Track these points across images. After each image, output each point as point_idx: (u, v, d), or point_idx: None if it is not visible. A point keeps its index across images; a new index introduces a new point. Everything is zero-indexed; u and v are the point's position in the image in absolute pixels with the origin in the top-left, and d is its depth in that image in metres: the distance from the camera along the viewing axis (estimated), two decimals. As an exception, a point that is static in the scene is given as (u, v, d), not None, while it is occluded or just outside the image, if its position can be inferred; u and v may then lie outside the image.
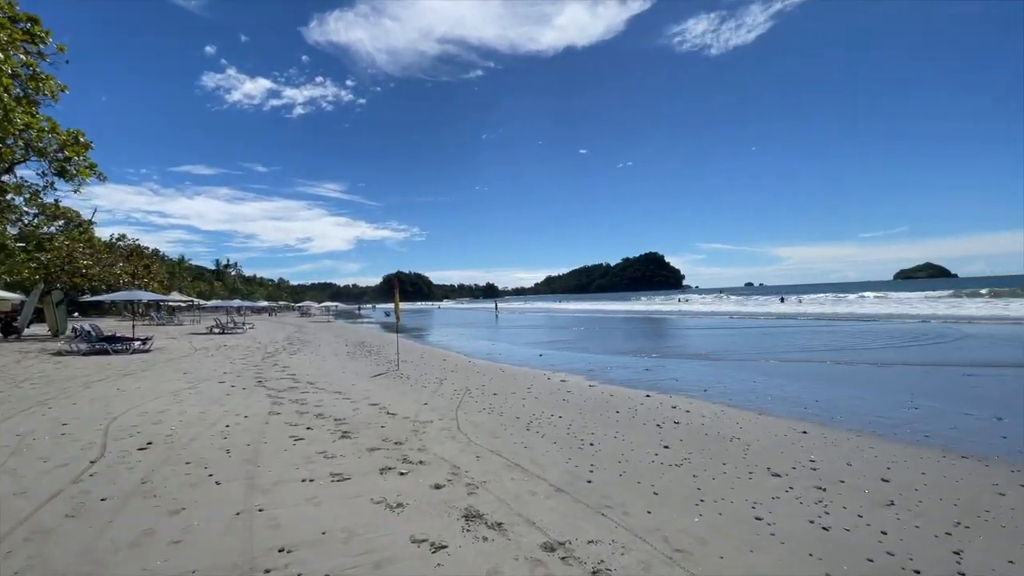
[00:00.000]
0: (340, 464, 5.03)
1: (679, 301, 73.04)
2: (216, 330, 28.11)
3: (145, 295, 22.89)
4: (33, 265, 23.84)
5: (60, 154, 19.76)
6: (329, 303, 75.41)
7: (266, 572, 3.00)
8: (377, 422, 6.86)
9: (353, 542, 3.38)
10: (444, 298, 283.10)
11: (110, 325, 30.01)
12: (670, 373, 11.62)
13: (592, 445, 5.83)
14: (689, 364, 13.29)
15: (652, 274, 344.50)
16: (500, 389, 9.53)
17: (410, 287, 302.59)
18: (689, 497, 4.25)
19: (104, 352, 15.60)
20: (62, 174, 20.35)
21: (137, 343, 16.61)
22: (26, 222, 24.42)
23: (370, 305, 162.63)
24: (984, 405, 7.60)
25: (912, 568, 3.10)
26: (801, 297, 62.20)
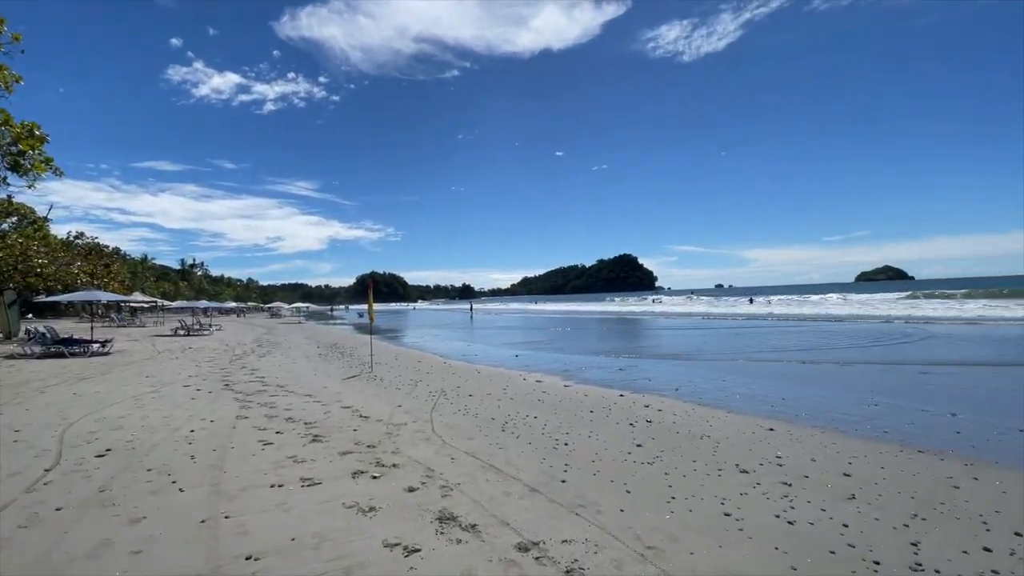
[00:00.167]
0: (311, 468, 4.93)
1: (652, 302, 74.27)
2: (181, 332, 27.22)
3: (104, 295, 22.01)
4: (-17, 264, 22.58)
5: (14, 148, 18.78)
6: (300, 304, 73.72)
7: (232, 581, 2.92)
8: (349, 425, 6.75)
9: (324, 548, 3.32)
10: (419, 299, 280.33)
11: (67, 327, 28.68)
12: (643, 373, 11.80)
13: (567, 445, 5.87)
14: (661, 364, 13.52)
15: (626, 275, 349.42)
16: (476, 390, 9.50)
17: (384, 288, 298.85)
18: (661, 495, 4.32)
19: (60, 355, 14.94)
20: (16, 169, 19.34)
21: (96, 345, 15.96)
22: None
23: (343, 306, 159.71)
24: (939, 402, 7.97)
25: (872, 559, 3.22)
26: (769, 298, 64.00)
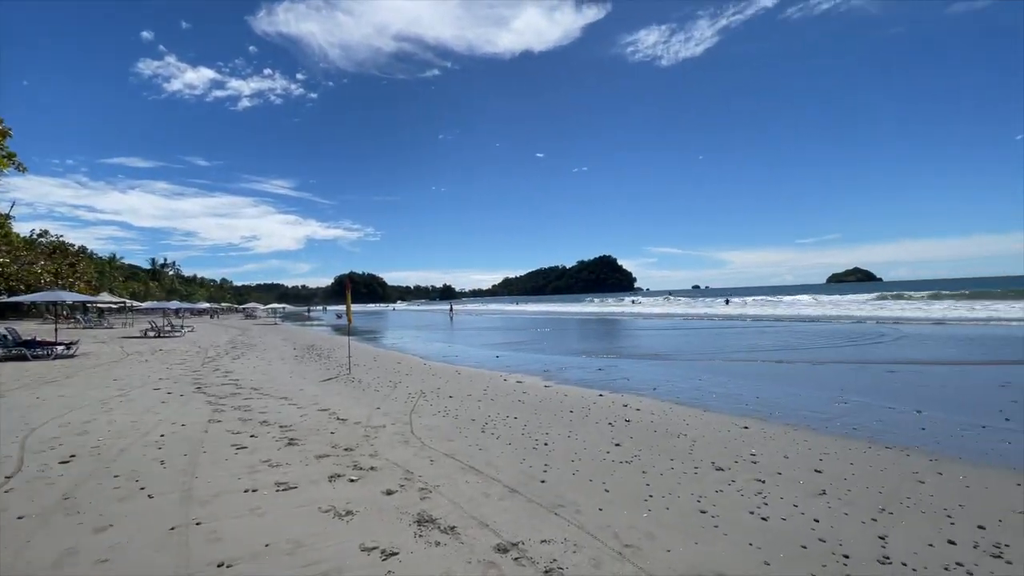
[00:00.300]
0: (286, 472, 4.83)
1: (632, 303, 75.15)
2: (151, 333, 26.40)
3: (69, 296, 21.27)
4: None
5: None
6: (276, 305, 72.29)
7: (203, 589, 2.84)
8: (326, 428, 6.64)
9: (299, 553, 3.26)
10: (399, 300, 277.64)
11: (29, 329, 27.52)
12: (622, 373, 11.92)
13: (546, 445, 5.89)
14: (640, 364, 13.69)
15: (606, 276, 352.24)
16: (456, 392, 9.46)
17: (363, 288, 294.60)
18: (638, 493, 4.37)
19: (22, 358, 14.34)
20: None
21: (60, 348, 15.36)
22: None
23: (320, 307, 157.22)
24: (905, 399, 8.25)
25: (842, 553, 3.31)
26: (745, 299, 65.40)
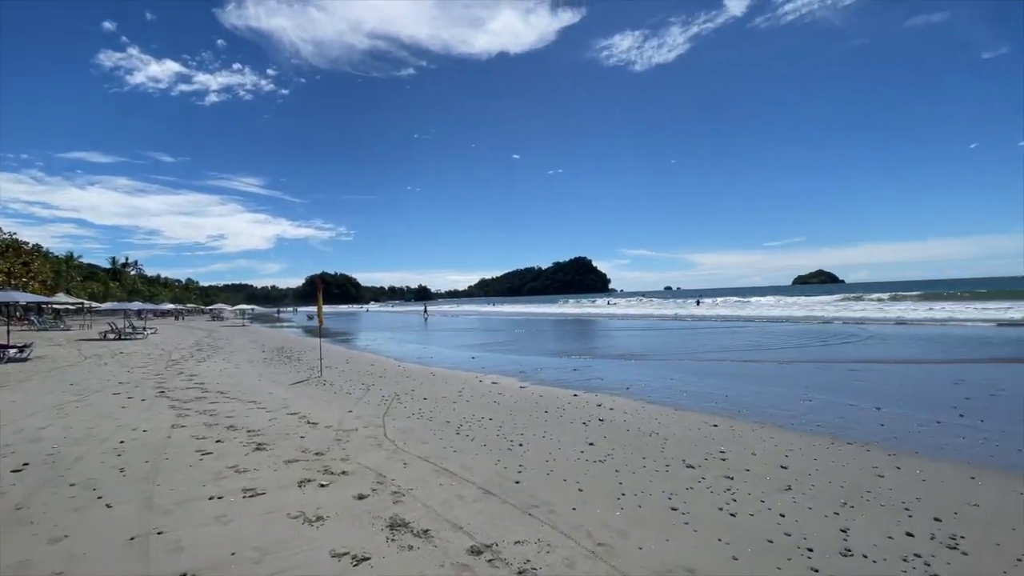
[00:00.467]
0: (254, 478, 4.70)
1: (608, 304, 76.18)
2: (111, 335, 25.32)
3: (23, 296, 20.29)
4: None
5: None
6: (245, 306, 70.21)
7: (164, 601, 2.74)
8: (296, 432, 6.50)
9: (266, 561, 3.17)
10: (373, 301, 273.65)
11: (-24, 331, 26.10)
12: (596, 373, 12.04)
13: (521, 446, 5.90)
14: (614, 364, 13.86)
15: (581, 278, 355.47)
16: (431, 394, 9.39)
17: (336, 289, 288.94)
18: (611, 492, 4.41)
19: (-33, 362, 13.57)
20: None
21: (12, 351, 14.62)
22: None
23: (291, 308, 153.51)
24: (865, 397, 8.57)
25: (806, 547, 3.42)
26: (716, 300, 67.07)
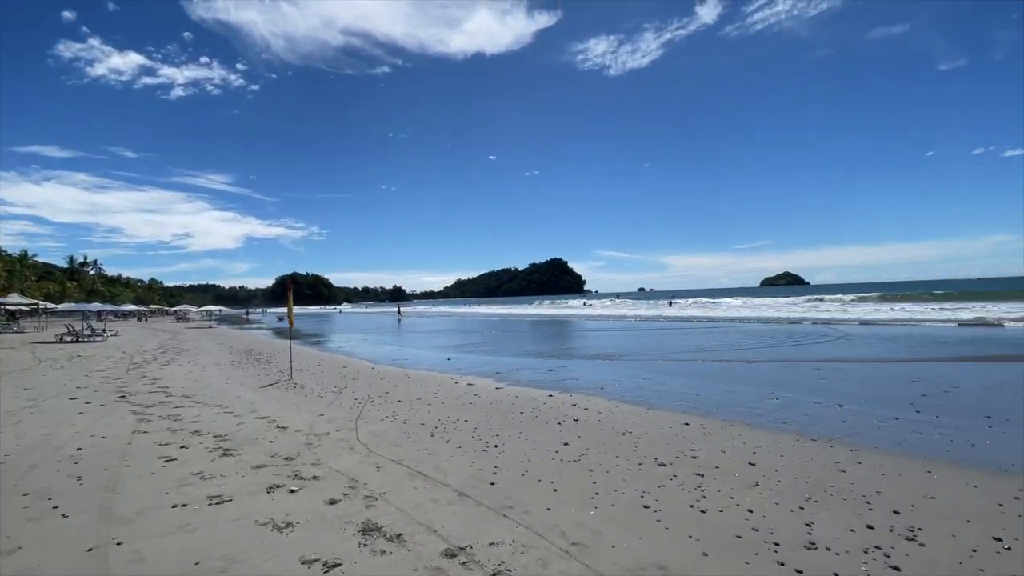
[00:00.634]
0: (220, 485, 4.56)
1: (584, 304, 76.91)
2: (68, 338, 24.17)
3: (-32, 298, 19.11)
4: None
5: None
6: (212, 307, 67.96)
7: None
8: (265, 437, 6.33)
9: (232, 570, 3.07)
10: (346, 301, 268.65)
11: (-83, 334, 24.53)
12: (571, 373, 12.13)
13: (496, 447, 5.88)
14: (589, 364, 13.99)
15: (557, 279, 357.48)
16: (405, 396, 9.28)
17: (307, 290, 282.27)
18: (585, 491, 4.45)
19: (-94, 368, 12.73)
20: None
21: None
22: None
23: (260, 309, 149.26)
24: (828, 394, 8.88)
25: (773, 541, 3.51)
26: (688, 301, 68.48)
